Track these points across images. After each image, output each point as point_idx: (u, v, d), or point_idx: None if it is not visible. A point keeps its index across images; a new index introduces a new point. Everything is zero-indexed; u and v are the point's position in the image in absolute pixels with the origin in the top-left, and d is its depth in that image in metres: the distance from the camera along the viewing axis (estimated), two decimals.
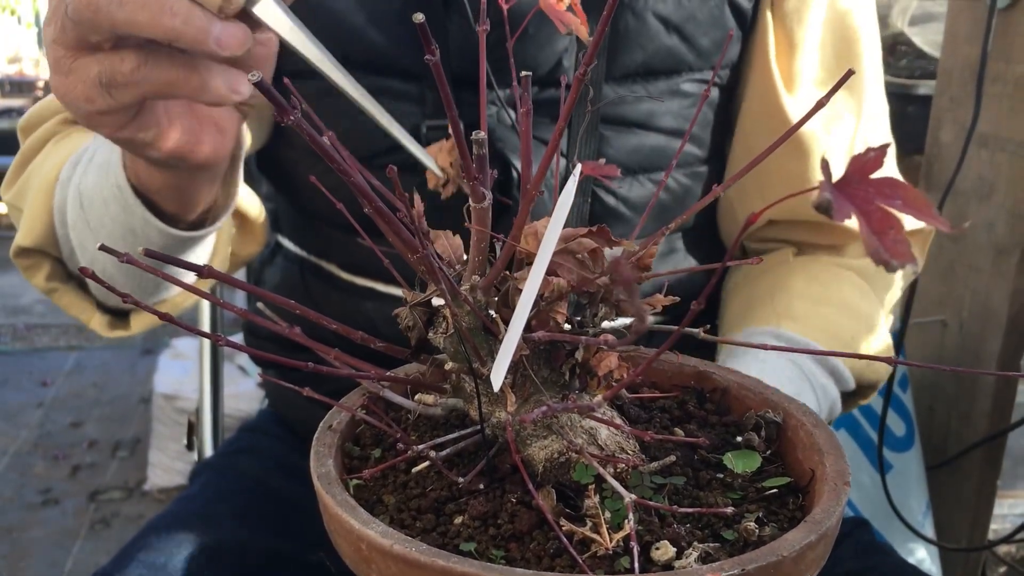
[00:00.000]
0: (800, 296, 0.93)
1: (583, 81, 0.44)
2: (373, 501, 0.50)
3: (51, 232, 0.88)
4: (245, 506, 0.95)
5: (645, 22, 0.88)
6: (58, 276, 0.92)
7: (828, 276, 0.96)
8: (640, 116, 0.90)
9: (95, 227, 0.82)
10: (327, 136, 0.49)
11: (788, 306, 0.92)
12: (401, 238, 0.47)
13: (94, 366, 3.35)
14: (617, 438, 0.49)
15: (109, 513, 2.47)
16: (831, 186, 0.29)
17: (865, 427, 1.50)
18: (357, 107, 0.68)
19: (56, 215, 0.87)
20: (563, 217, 0.43)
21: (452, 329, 0.49)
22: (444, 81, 0.43)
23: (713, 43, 0.91)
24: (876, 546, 0.95)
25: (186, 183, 0.76)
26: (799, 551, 0.42)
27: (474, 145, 0.45)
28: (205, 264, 0.47)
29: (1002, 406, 1.49)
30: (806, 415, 0.54)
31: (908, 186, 0.30)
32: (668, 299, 0.49)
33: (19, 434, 2.86)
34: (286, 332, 0.50)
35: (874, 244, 0.29)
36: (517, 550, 0.46)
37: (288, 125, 0.40)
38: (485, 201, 0.47)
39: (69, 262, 0.91)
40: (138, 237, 0.80)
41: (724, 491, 0.50)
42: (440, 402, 0.53)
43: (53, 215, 0.87)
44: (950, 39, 1.57)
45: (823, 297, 0.93)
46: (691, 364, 0.61)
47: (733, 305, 0.99)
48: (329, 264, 0.99)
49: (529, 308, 0.44)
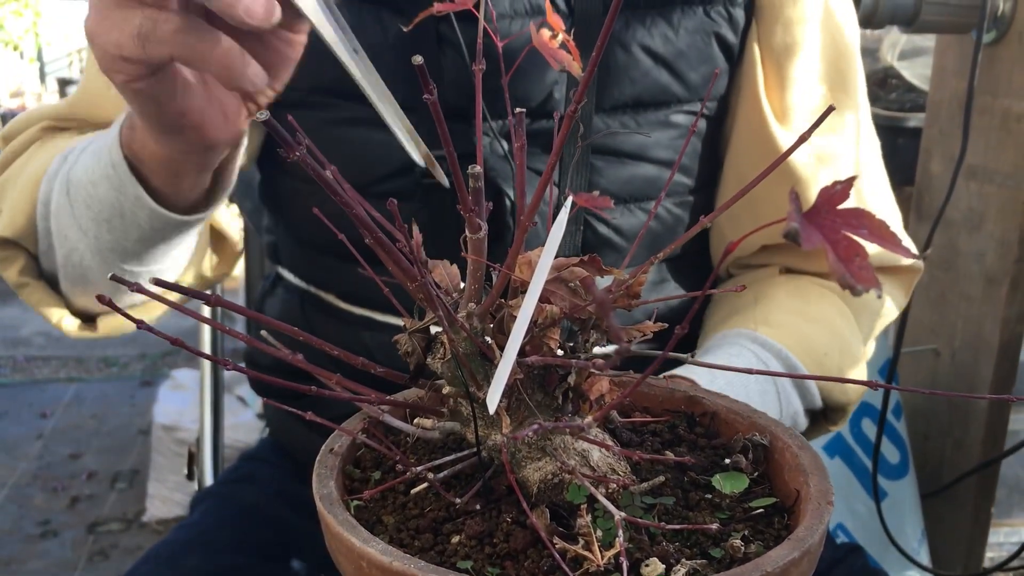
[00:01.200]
0: (781, 306, 0.95)
1: (575, 117, 0.46)
2: (373, 521, 0.52)
3: (32, 225, 0.89)
4: (245, 533, 0.97)
5: (634, 56, 0.90)
6: (30, 272, 0.93)
7: (812, 294, 0.98)
8: (631, 148, 0.93)
9: (79, 214, 0.82)
10: (330, 170, 0.51)
11: (768, 314, 0.94)
12: (400, 267, 0.49)
13: (93, 397, 3.36)
14: (609, 459, 0.51)
15: (108, 545, 2.47)
16: (800, 216, 0.31)
17: (860, 455, 1.52)
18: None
19: (40, 207, 0.88)
20: (556, 246, 0.45)
21: (449, 355, 0.51)
22: (441, 119, 0.45)
23: (701, 77, 0.93)
24: (870, 571, 0.97)
25: (182, 160, 0.76)
26: (783, 567, 0.43)
27: (470, 178, 0.47)
28: (213, 294, 0.49)
29: (995, 433, 1.50)
30: (792, 438, 0.56)
31: (873, 216, 0.32)
32: (656, 325, 0.51)
33: (18, 465, 2.86)
34: (289, 358, 0.52)
35: (841, 270, 0.31)
36: (512, 568, 0.47)
37: (293, 160, 0.42)
38: (481, 232, 0.49)
39: (44, 258, 0.92)
40: (126, 219, 0.80)
41: (712, 511, 0.52)
42: (438, 426, 0.55)
43: (36, 207, 0.88)
44: (938, 73, 1.60)
45: (803, 311, 0.95)
46: (681, 389, 0.63)
47: (719, 311, 1.01)
48: (328, 294, 1.01)
49: (523, 334, 0.46)
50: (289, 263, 1.07)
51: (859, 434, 1.53)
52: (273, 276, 1.12)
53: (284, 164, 0.99)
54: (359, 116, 0.91)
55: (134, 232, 0.82)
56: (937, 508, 1.56)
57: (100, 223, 0.81)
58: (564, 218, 0.45)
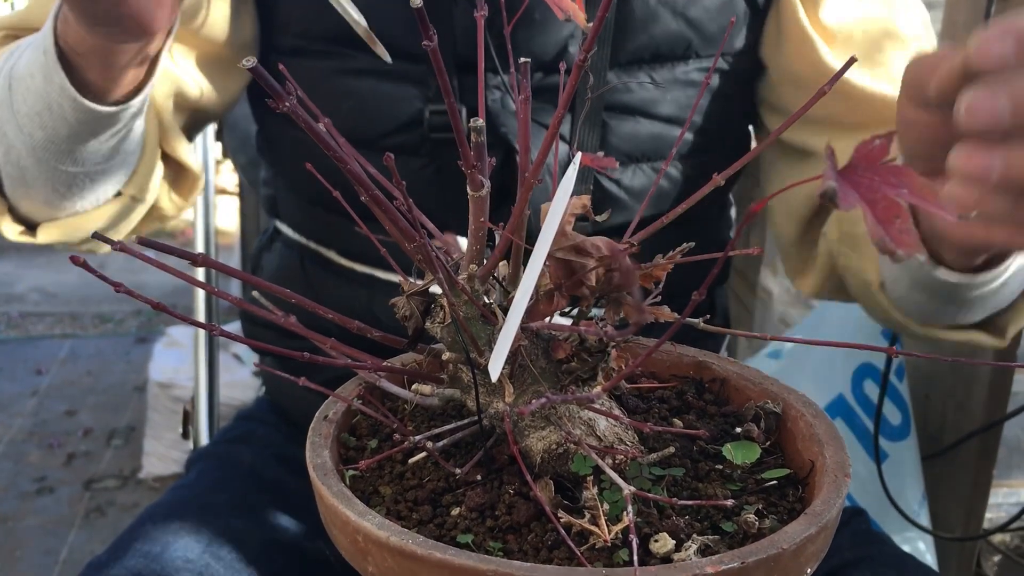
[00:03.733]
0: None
1: (582, 68, 0.43)
2: (369, 492, 0.50)
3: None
4: (242, 495, 0.95)
5: (651, 7, 0.87)
6: None
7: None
8: (645, 104, 0.90)
9: (17, 108, 0.80)
10: (323, 123, 0.48)
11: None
12: (398, 227, 0.47)
13: (89, 354, 3.34)
14: (616, 429, 0.49)
15: (104, 501, 2.46)
16: (836, 174, 0.28)
17: (861, 416, 1.50)
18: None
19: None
20: (563, 206, 0.42)
21: (449, 319, 0.48)
22: (442, 68, 0.42)
23: (720, 29, 0.90)
24: (872, 535, 0.95)
25: (118, 50, 0.74)
26: (799, 544, 0.41)
27: (472, 133, 0.44)
28: (200, 252, 0.46)
29: (998, 395, 1.49)
30: (806, 406, 0.54)
31: (914, 174, 0.29)
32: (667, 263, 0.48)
33: (13, 422, 2.85)
34: (281, 321, 0.50)
35: (879, 233, 0.28)
36: (515, 542, 0.45)
37: (281, 110, 0.39)
38: (483, 189, 0.47)
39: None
40: (53, 112, 0.77)
41: (723, 482, 0.50)
42: (437, 392, 0.53)
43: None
44: (949, 27, 1.56)
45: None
46: (690, 354, 0.61)
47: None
48: (329, 251, 0.98)
49: (528, 298, 0.44)
50: (288, 218, 1.04)
51: (861, 395, 1.52)
52: (271, 230, 1.09)
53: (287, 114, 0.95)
54: (365, 67, 0.87)
55: (63, 128, 0.79)
56: (938, 470, 1.55)
57: (33, 117, 0.79)
58: (572, 176, 0.42)
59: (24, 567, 2.21)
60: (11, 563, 2.22)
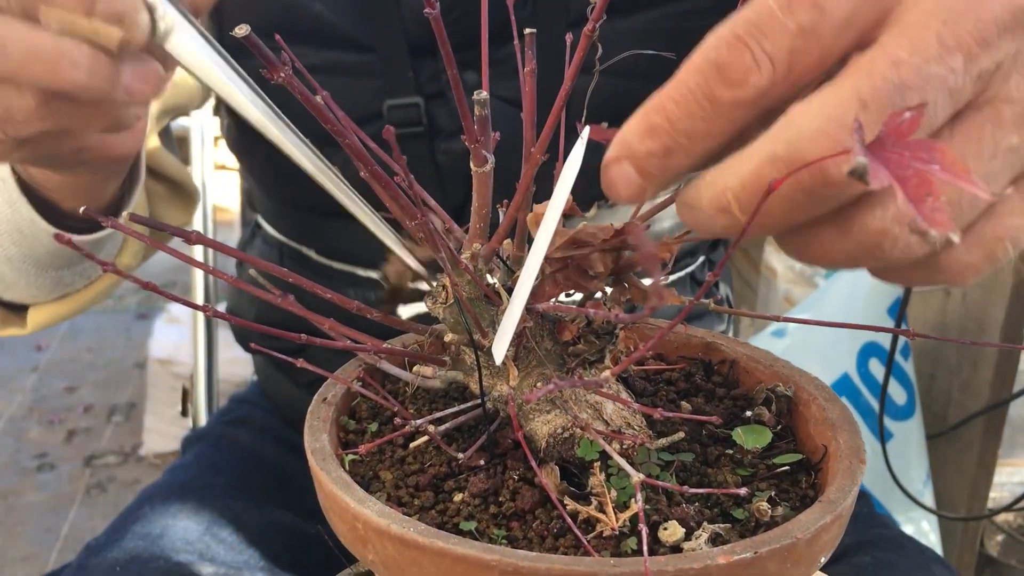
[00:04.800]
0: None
1: (591, 39, 0.42)
2: (369, 477, 0.48)
3: None
4: (240, 477, 0.94)
5: None
6: None
7: None
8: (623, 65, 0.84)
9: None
10: (321, 95, 0.46)
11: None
12: (399, 204, 0.45)
13: (89, 330, 3.33)
14: (623, 413, 0.47)
15: (105, 478, 2.46)
16: (865, 149, 0.26)
17: (866, 395, 1.49)
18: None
19: None
20: (570, 183, 0.41)
21: (452, 299, 0.47)
22: (445, 38, 0.40)
23: None
24: (874, 518, 0.94)
25: (88, 181, 0.66)
26: (813, 533, 0.40)
27: (476, 106, 0.42)
28: (193, 230, 0.44)
29: (1004, 375, 1.48)
30: (818, 389, 0.52)
31: (946, 150, 0.27)
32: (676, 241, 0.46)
33: (13, 399, 2.85)
34: (278, 301, 0.48)
35: (911, 212, 0.26)
36: (519, 529, 0.44)
37: (276, 82, 0.37)
38: (487, 165, 0.45)
39: None
40: (26, 236, 0.69)
41: (734, 468, 0.48)
42: (439, 374, 0.51)
43: None
44: None
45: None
46: (699, 335, 0.60)
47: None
48: (307, 249, 0.96)
49: (533, 278, 0.42)
50: (265, 214, 1.01)
51: (866, 374, 1.50)
52: (253, 224, 1.06)
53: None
54: (316, 63, 0.82)
55: (39, 248, 0.72)
56: (942, 449, 1.54)
57: (2, 236, 0.71)
58: (580, 152, 0.41)
59: (25, 543, 2.21)
60: (12, 539, 2.22)
